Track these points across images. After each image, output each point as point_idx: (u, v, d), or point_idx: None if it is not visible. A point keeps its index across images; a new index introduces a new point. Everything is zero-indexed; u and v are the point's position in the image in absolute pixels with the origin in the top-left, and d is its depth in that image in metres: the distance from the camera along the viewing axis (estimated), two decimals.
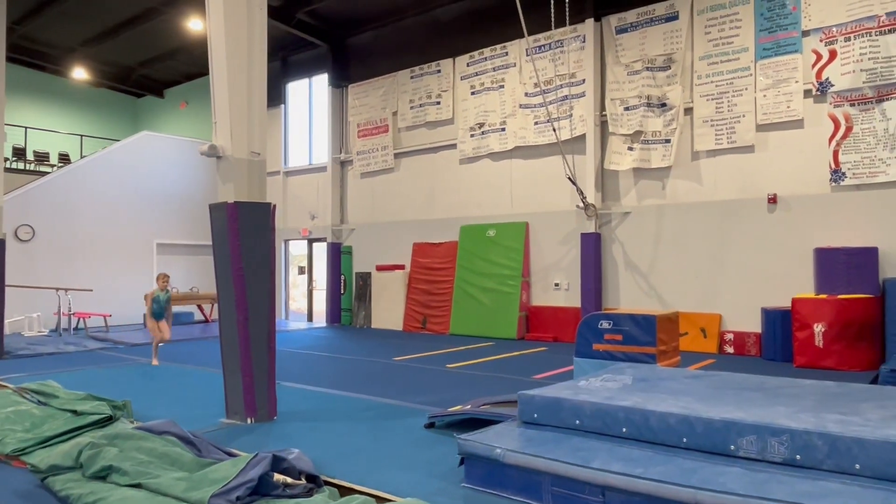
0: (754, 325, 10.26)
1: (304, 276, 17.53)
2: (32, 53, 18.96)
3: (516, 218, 13.17)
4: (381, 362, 9.78)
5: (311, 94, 17.30)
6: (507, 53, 13.34)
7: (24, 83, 19.66)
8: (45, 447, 4.74)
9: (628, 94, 11.60)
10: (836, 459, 3.15)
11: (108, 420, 5.28)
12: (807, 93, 9.94)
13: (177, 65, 19.68)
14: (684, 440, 3.62)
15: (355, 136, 15.97)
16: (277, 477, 3.82)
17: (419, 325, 14.22)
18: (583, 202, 11.65)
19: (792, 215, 10.05)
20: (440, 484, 4.12)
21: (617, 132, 11.71)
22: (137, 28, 16.77)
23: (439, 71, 14.41)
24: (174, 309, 15.74)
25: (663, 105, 11.20)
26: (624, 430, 3.86)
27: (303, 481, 3.91)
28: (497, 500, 3.84)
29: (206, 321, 16.24)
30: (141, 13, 16.06)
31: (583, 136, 12.00)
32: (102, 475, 4.06)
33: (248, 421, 5.85)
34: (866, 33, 9.43)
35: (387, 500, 3.78)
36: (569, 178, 11.33)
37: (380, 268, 15.20)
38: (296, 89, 17.64)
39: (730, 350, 10.45)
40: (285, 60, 17.36)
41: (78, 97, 21.11)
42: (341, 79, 16.23)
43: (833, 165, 9.69)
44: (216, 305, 11.49)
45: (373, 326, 15.22)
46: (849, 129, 9.58)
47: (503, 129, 13.31)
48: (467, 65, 13.97)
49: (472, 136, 13.82)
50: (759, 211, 10.34)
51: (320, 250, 16.87)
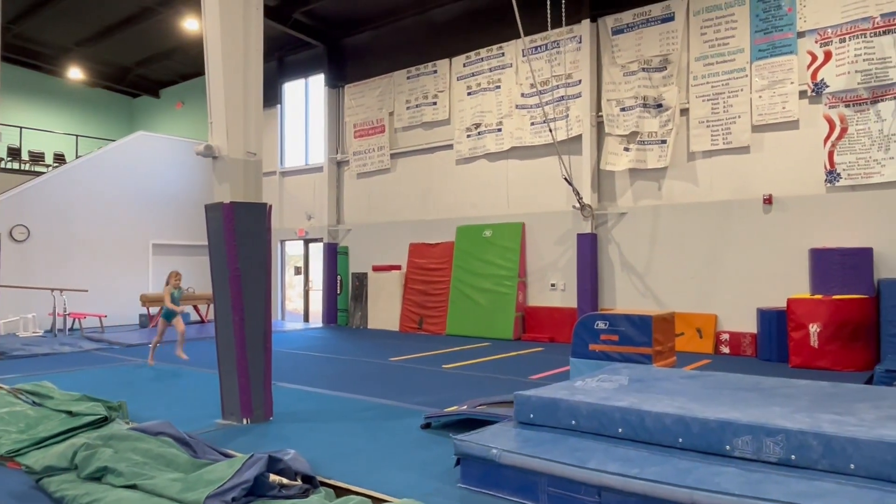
0: (750, 326, 10.29)
1: (301, 277, 17.51)
2: (28, 53, 18.92)
3: (513, 218, 13.18)
4: (378, 363, 9.77)
5: (307, 94, 17.29)
6: (503, 54, 13.35)
7: (20, 83, 19.60)
8: (40, 448, 4.73)
9: (624, 94, 11.62)
10: (830, 459, 3.16)
11: (103, 421, 5.26)
12: (802, 94, 9.97)
13: (173, 65, 19.64)
14: (680, 440, 3.63)
15: (352, 137, 15.96)
16: (273, 478, 3.82)
17: (415, 325, 14.22)
18: (579, 203, 11.67)
19: (787, 216, 10.08)
20: (436, 484, 4.12)
21: (613, 133, 11.73)
22: (133, 28, 16.75)
23: (436, 71, 14.41)
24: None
25: (659, 106, 11.22)
26: (620, 430, 3.87)
27: (299, 482, 3.91)
28: (493, 500, 3.85)
29: (201, 322, 16.20)
30: (137, 13, 16.04)
31: (579, 137, 12.02)
32: (97, 476, 4.05)
33: (244, 422, 5.84)
34: (861, 34, 9.46)
35: (383, 501, 3.78)
36: (565, 179, 11.34)
37: (376, 268, 15.19)
38: (292, 89, 17.62)
39: (725, 350, 10.47)
40: (282, 60, 17.34)
41: (73, 97, 21.06)
42: (338, 79, 16.22)
43: (828, 166, 9.73)
44: (212, 306, 11.54)
45: (369, 327, 15.21)
46: (844, 130, 9.62)
47: (499, 130, 13.32)
48: (464, 65, 13.98)
49: (468, 136, 13.82)
50: (755, 211, 10.37)
51: (317, 251, 16.85)
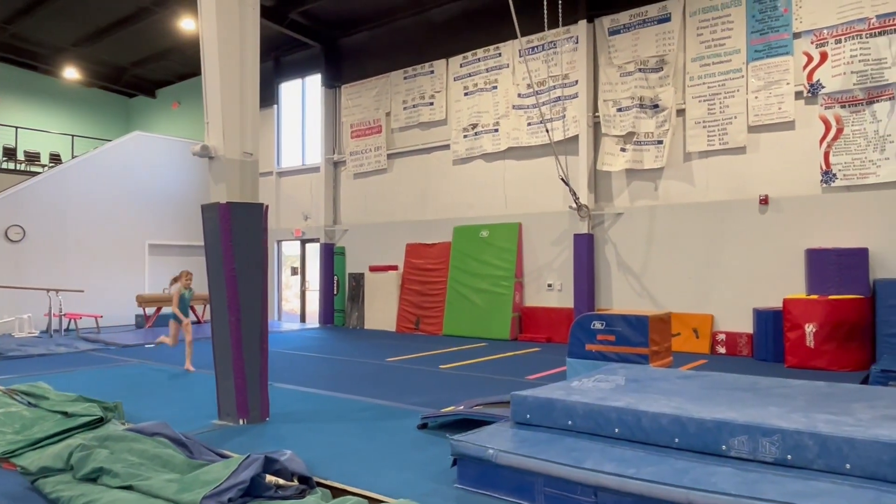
0: (746, 326, 10.31)
1: (297, 277, 17.49)
2: (23, 53, 18.85)
3: (509, 219, 13.18)
4: (374, 363, 9.77)
5: (304, 94, 17.27)
6: (500, 54, 13.36)
7: (15, 83, 19.56)
8: (36, 449, 4.71)
9: (621, 95, 11.64)
10: (826, 459, 3.17)
11: (99, 421, 5.25)
12: (798, 94, 9.99)
13: (169, 65, 19.59)
14: (676, 440, 3.63)
15: (348, 137, 15.95)
16: (269, 478, 3.81)
17: (412, 325, 14.21)
18: (575, 203, 11.68)
19: (783, 216, 10.10)
20: (433, 485, 4.11)
21: (609, 133, 11.74)
22: (129, 28, 16.70)
23: (432, 72, 14.41)
24: (168, 309, 15.72)
25: (656, 106, 11.24)
26: (616, 430, 3.87)
27: (295, 483, 3.91)
28: (490, 500, 3.85)
29: (198, 322, 16.17)
30: (133, 13, 15.99)
31: (575, 137, 12.03)
32: (93, 477, 4.04)
33: (241, 422, 5.83)
34: (857, 35, 9.49)
35: (379, 502, 3.78)
36: (561, 179, 11.35)
37: (373, 268, 15.18)
38: (289, 89, 17.60)
39: (722, 350, 10.49)
40: (278, 60, 17.32)
41: (69, 97, 20.99)
42: (334, 79, 16.21)
43: (824, 167, 9.75)
44: (208, 306, 11.49)
45: (366, 327, 15.19)
46: (839, 131, 9.64)
47: (496, 130, 13.33)
48: (460, 65, 13.98)
49: (465, 136, 13.82)
50: (751, 212, 10.39)
51: (313, 251, 16.84)
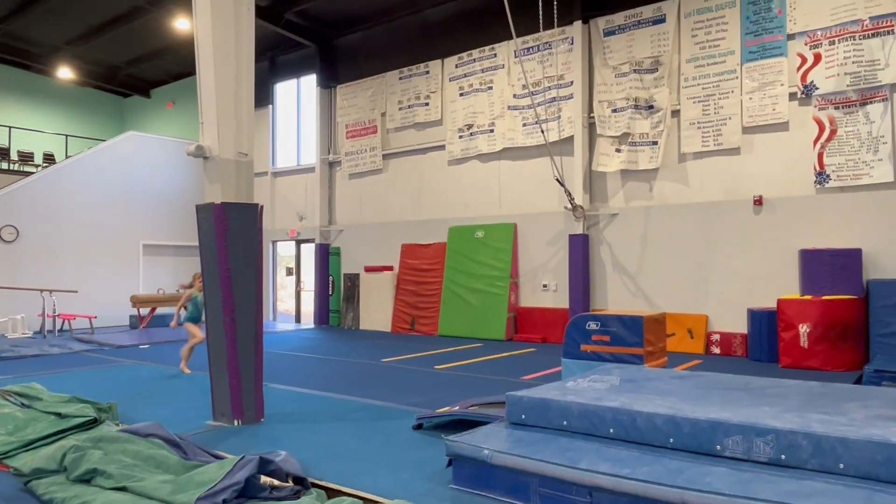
0: (740, 326, 10.34)
1: (292, 278, 17.46)
2: (17, 52, 18.77)
3: (505, 219, 13.19)
4: (370, 363, 9.76)
5: (299, 94, 17.24)
6: (495, 55, 13.37)
7: (9, 82, 19.47)
8: (29, 450, 4.69)
9: (616, 96, 11.66)
10: (820, 459, 3.18)
11: (92, 423, 5.22)
12: (792, 96, 10.03)
13: (163, 64, 19.54)
14: (671, 440, 3.64)
15: (343, 137, 15.94)
16: (264, 479, 3.80)
17: (408, 326, 14.20)
18: (571, 203, 11.69)
19: (777, 217, 10.14)
20: (428, 485, 4.11)
21: (604, 134, 11.76)
22: (124, 27, 16.65)
23: (428, 72, 14.41)
24: (163, 310, 15.67)
25: (650, 107, 11.27)
26: (611, 430, 3.87)
27: (290, 483, 3.90)
28: (485, 501, 3.85)
29: None
30: (127, 12, 15.94)
31: (571, 138, 12.04)
32: (87, 478, 4.02)
33: (235, 423, 5.82)
34: (850, 37, 9.53)
35: (375, 502, 3.78)
36: (557, 180, 11.36)
37: (368, 269, 15.17)
38: (284, 89, 17.58)
39: (716, 351, 10.52)
40: (273, 60, 17.29)
41: (63, 96, 20.91)
42: (330, 79, 16.19)
43: (818, 168, 9.79)
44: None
45: (361, 328, 15.18)
46: (833, 132, 9.68)
47: (491, 131, 13.33)
48: (456, 66, 13.98)
49: (460, 137, 13.83)
50: (745, 212, 10.43)
51: (308, 251, 16.81)
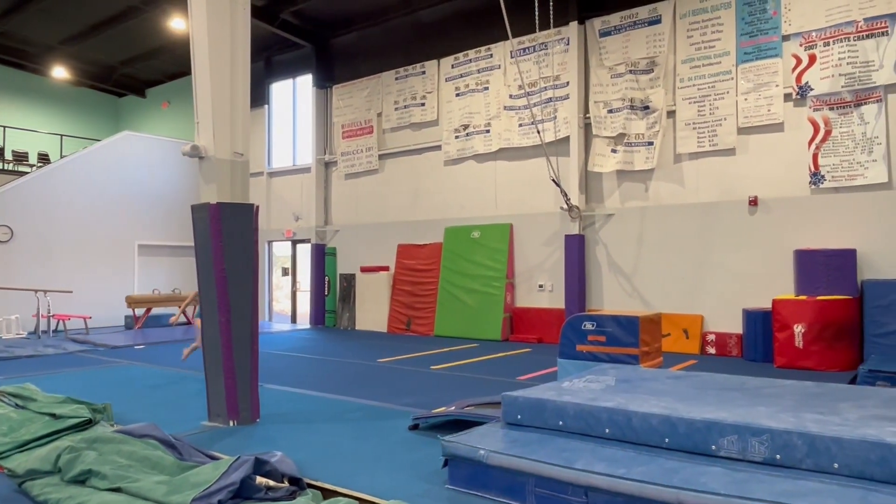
0: (736, 326, 10.36)
1: (288, 278, 17.43)
2: (11, 51, 18.69)
3: (501, 219, 13.19)
4: (366, 364, 9.75)
5: (295, 94, 17.22)
6: (491, 55, 13.37)
7: (3, 81, 19.40)
8: (23, 451, 4.67)
9: (612, 96, 11.68)
10: (815, 459, 3.19)
11: (87, 423, 5.20)
12: (787, 96, 10.06)
13: (159, 64, 19.49)
14: (666, 440, 3.65)
15: (339, 137, 15.92)
16: (260, 480, 3.79)
17: (403, 326, 14.20)
18: (567, 204, 11.71)
19: (772, 217, 10.17)
20: (424, 485, 4.11)
21: (600, 134, 11.78)
22: (119, 27, 16.60)
23: (424, 72, 14.40)
24: (158, 311, 15.65)
25: (646, 108, 11.29)
26: (607, 430, 3.88)
27: (286, 484, 3.89)
28: (481, 501, 3.84)
29: (188, 323, 16.08)
30: (122, 11, 15.89)
31: (567, 139, 12.06)
32: (81, 479, 4.01)
33: (231, 423, 5.80)
34: (845, 38, 9.57)
35: (371, 503, 3.77)
36: (553, 180, 11.38)
37: (364, 269, 15.16)
38: (280, 90, 17.55)
39: (712, 351, 10.54)
40: (269, 60, 17.27)
41: (58, 96, 20.84)
42: (326, 79, 16.17)
43: (812, 168, 9.82)
44: (198, 307, 11.40)
45: (357, 328, 15.17)
46: (828, 133, 9.72)
47: (488, 131, 13.34)
48: (452, 66, 13.98)
49: (456, 137, 13.83)
50: (741, 213, 10.45)
51: (304, 251, 16.78)
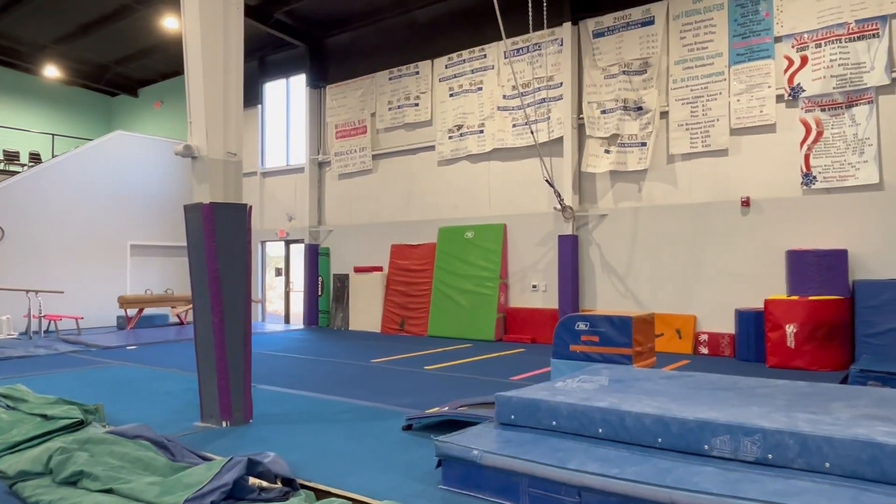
0: (728, 326, 10.41)
1: (282, 278, 17.40)
2: (3, 50, 18.57)
3: (494, 220, 13.20)
4: (359, 364, 9.74)
5: (288, 94, 17.18)
6: (485, 56, 13.38)
7: None
8: (14, 452, 4.64)
9: (605, 97, 11.71)
10: (807, 458, 3.21)
11: (79, 424, 5.18)
12: (779, 98, 10.11)
13: (151, 63, 19.40)
14: (659, 440, 3.66)
15: (333, 138, 15.90)
16: (253, 481, 3.78)
17: (397, 326, 14.19)
18: (560, 204, 11.73)
19: (764, 218, 10.22)
20: (418, 486, 4.11)
21: (594, 135, 11.81)
22: (111, 26, 16.52)
23: (418, 73, 14.40)
24: (151, 311, 15.57)
25: (639, 108, 11.32)
26: (600, 430, 3.89)
27: (279, 485, 3.88)
28: (474, 501, 3.85)
29: (180, 323, 16.02)
30: (115, 10, 15.81)
31: (560, 139, 12.08)
32: (73, 480, 3.98)
33: (224, 424, 5.78)
34: (836, 40, 9.63)
35: (363, 503, 3.77)
36: (546, 181, 11.39)
37: (357, 269, 15.14)
38: (273, 89, 17.51)
39: (704, 351, 10.58)
40: (262, 60, 17.22)
41: (50, 95, 20.71)
42: (319, 79, 16.15)
43: (804, 169, 9.88)
44: (191, 307, 11.37)
45: (350, 328, 15.15)
46: (819, 134, 9.77)
47: (481, 132, 13.35)
48: (446, 67, 13.99)
49: (450, 137, 13.83)
50: (733, 213, 10.50)
51: (297, 252, 16.76)
